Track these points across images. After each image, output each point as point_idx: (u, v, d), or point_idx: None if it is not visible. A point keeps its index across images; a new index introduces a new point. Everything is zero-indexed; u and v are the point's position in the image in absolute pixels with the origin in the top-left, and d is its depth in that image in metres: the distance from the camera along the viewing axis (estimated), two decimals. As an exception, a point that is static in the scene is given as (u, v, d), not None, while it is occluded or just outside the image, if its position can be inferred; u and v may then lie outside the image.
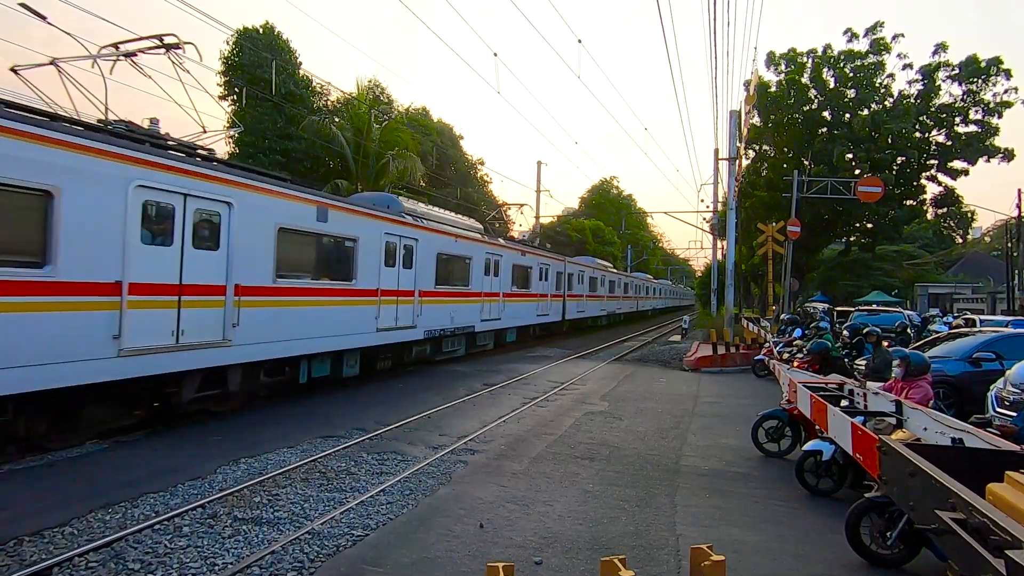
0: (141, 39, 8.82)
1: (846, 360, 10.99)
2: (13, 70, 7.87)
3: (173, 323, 7.49)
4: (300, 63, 29.70)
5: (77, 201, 6.40)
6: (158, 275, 7.31)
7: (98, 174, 6.62)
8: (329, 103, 31.59)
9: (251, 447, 7.20)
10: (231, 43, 27.33)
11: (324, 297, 10.33)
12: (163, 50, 8.71)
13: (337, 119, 28.38)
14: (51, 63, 7.77)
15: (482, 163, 48.64)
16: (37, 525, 4.74)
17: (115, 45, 8.67)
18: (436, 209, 15.74)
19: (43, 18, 16.90)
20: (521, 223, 49.72)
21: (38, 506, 5.18)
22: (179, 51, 8.73)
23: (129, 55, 8.69)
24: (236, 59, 27.43)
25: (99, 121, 7.71)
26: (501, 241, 19.18)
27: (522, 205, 32.18)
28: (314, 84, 30.32)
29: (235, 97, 27.65)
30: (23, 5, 15.88)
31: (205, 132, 9.23)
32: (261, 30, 28.32)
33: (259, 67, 26.41)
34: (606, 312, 33.28)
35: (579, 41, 18.20)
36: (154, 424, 8.03)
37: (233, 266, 8.27)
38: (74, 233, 6.37)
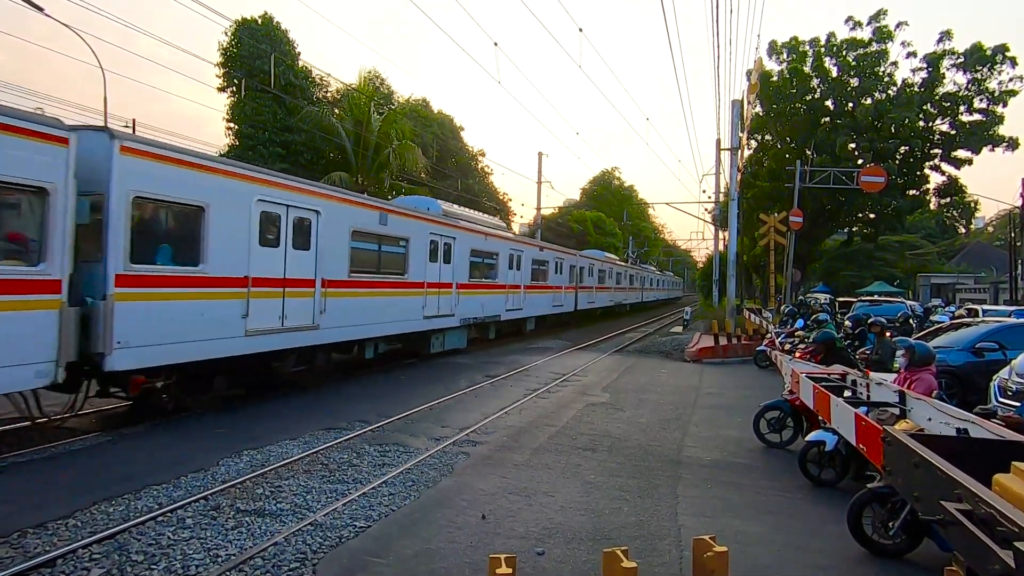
0: None
1: (849, 351, 10.96)
2: None
3: (437, 303, 14.27)
4: (299, 54, 29.50)
5: (415, 245, 13.28)
6: (433, 278, 14.14)
7: (422, 232, 13.69)
8: (329, 94, 31.40)
9: (253, 439, 7.21)
10: (230, 34, 27.15)
11: (484, 289, 17.40)
12: None
13: (337, 110, 28.22)
14: None
15: (483, 154, 48.47)
16: (41, 517, 4.75)
17: None
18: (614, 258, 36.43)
19: (41, 10, 16.80)
20: (522, 215, 49.68)
21: (41, 498, 5.19)
22: None
23: None
24: (235, 50, 27.26)
25: None
26: (618, 261, 37.66)
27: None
28: (314, 75, 30.13)
29: (234, 89, 27.51)
30: (20, -4, 15.74)
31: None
32: (260, 21, 28.11)
33: (258, 58, 26.24)
34: (654, 298, 51.86)
35: (580, 30, 18.06)
36: (156, 417, 8.04)
37: (456, 271, 15.26)
38: (413, 261, 13.19)
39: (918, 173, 32.38)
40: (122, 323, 6.88)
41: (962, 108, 30.39)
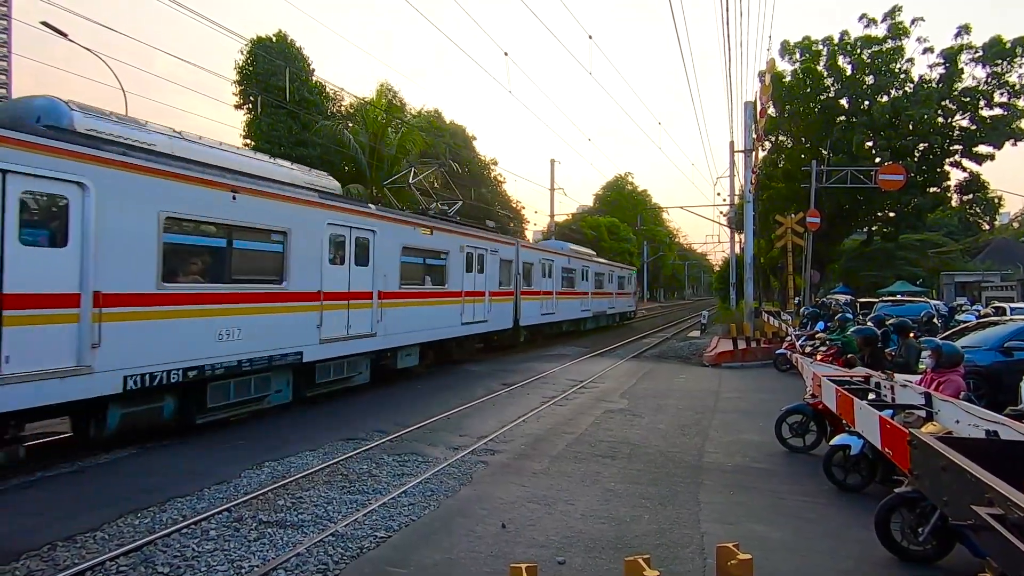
0: None
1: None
2: None
3: (585, 304, 25.56)
4: (313, 70, 30.01)
5: (578, 274, 24.51)
6: (585, 289, 25.59)
7: (578, 266, 24.66)
8: (342, 108, 31.86)
9: (274, 450, 7.29)
10: (245, 53, 27.73)
11: (603, 297, 28.50)
12: None
13: (351, 124, 28.62)
14: None
15: (495, 163, 48.74)
16: (69, 530, 4.85)
17: None
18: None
19: (64, 35, 17.29)
20: (536, 222, 49.76)
21: (70, 511, 5.30)
22: None
23: None
24: (250, 68, 27.82)
25: None
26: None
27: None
28: (327, 90, 30.62)
29: (250, 106, 28.06)
30: (44, 23, 16.30)
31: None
32: (274, 39, 28.68)
33: (273, 75, 26.74)
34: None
35: (590, 37, 18.14)
36: (178, 430, 8.16)
37: (591, 286, 26.10)
38: (578, 281, 24.58)
39: (938, 170, 31.73)
40: (523, 309, 18.21)
41: (982, 103, 29.76)
